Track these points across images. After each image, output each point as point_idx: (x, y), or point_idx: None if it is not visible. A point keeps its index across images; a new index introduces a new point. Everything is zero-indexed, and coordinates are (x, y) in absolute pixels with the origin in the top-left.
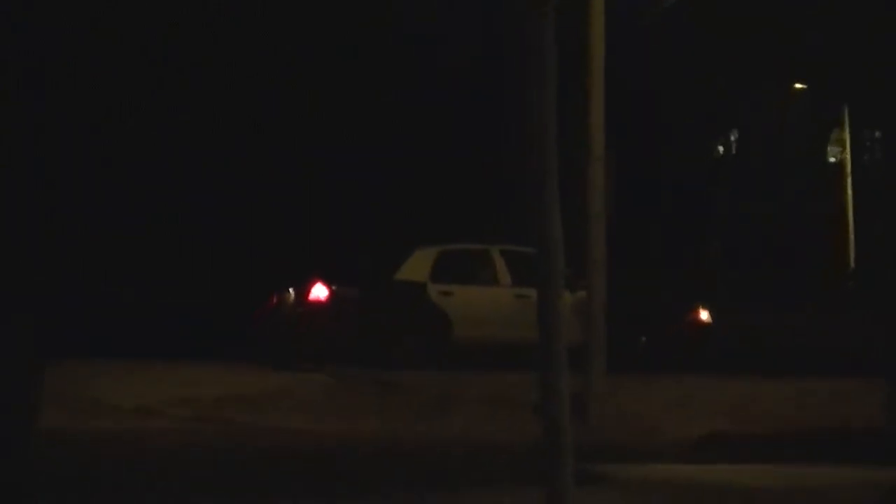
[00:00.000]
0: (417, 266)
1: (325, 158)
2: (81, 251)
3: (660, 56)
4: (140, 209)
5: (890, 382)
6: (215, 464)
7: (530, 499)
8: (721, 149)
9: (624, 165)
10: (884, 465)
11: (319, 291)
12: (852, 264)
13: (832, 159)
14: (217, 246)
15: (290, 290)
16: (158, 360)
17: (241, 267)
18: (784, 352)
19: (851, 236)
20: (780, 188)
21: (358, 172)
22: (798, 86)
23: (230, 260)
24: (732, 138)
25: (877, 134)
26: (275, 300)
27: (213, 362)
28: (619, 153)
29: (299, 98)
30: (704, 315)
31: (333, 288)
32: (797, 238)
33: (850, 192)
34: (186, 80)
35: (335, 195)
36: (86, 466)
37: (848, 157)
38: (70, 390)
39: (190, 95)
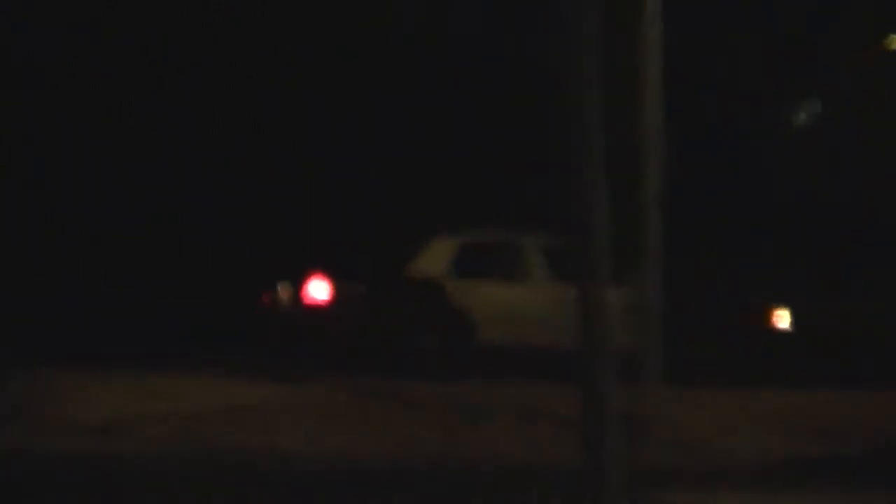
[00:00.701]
0: (435, 258)
1: (325, 152)
2: (80, 251)
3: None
4: (140, 209)
5: None
6: (196, 488)
7: None
8: (802, 115)
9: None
10: None
11: (318, 287)
12: None
13: None
14: (217, 245)
15: (282, 285)
16: (148, 365)
17: (242, 267)
18: (864, 358)
19: None
20: (871, 168)
21: (361, 165)
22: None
23: (230, 259)
24: (814, 109)
25: None
26: (266, 299)
27: (207, 369)
28: (676, 125)
29: (300, 94)
30: (784, 320)
31: (335, 283)
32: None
33: None
34: (186, 79)
35: (336, 188)
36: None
37: None
38: (39, 403)
39: (190, 95)
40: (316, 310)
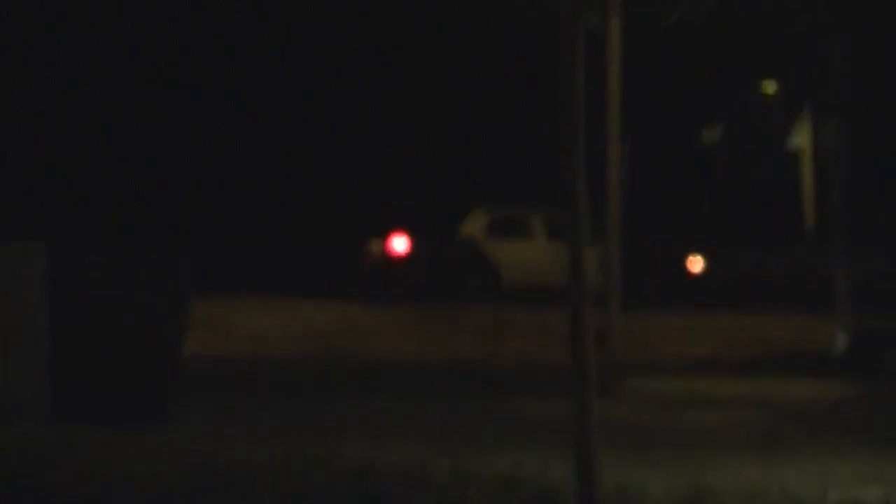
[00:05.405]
0: (474, 224)
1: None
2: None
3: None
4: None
5: (839, 317)
6: (319, 375)
7: (564, 405)
8: (706, 137)
9: (639, 146)
10: (835, 379)
11: (399, 243)
12: (809, 229)
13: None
14: (330, 215)
15: (375, 241)
16: (275, 296)
17: (347, 229)
18: (762, 292)
19: (810, 208)
20: (752, 169)
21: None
22: (768, 90)
23: (340, 225)
24: (718, 130)
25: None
26: (364, 249)
27: (315, 298)
28: (634, 136)
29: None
30: (697, 264)
31: (411, 240)
32: (768, 207)
33: (809, 172)
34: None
35: (405, 177)
36: (221, 376)
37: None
38: (210, 320)
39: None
40: (398, 258)
